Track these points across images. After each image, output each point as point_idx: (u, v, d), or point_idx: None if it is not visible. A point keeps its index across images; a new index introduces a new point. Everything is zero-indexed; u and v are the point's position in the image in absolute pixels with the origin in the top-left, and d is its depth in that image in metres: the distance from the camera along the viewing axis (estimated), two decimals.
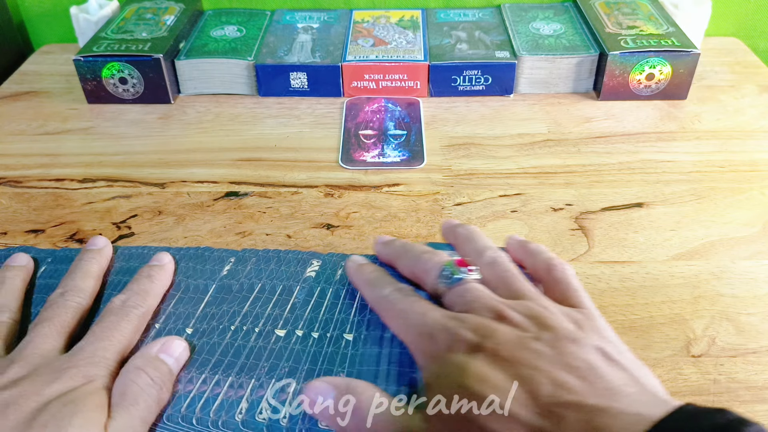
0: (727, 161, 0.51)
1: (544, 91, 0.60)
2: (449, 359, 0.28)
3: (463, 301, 0.32)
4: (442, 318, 0.31)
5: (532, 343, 0.28)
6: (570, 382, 0.26)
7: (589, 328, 0.29)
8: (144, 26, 0.62)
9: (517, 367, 0.27)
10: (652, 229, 0.44)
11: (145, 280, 0.36)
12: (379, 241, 0.39)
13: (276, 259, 0.41)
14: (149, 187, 0.49)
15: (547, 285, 0.34)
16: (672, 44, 0.57)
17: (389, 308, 0.33)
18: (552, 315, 0.30)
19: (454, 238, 0.39)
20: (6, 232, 0.45)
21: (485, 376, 0.26)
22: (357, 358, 0.33)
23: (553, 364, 0.27)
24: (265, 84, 0.60)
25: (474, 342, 0.28)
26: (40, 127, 0.57)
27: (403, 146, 0.53)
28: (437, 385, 0.28)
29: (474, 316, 0.30)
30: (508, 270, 0.34)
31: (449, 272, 0.33)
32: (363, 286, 0.36)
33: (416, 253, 0.36)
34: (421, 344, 0.31)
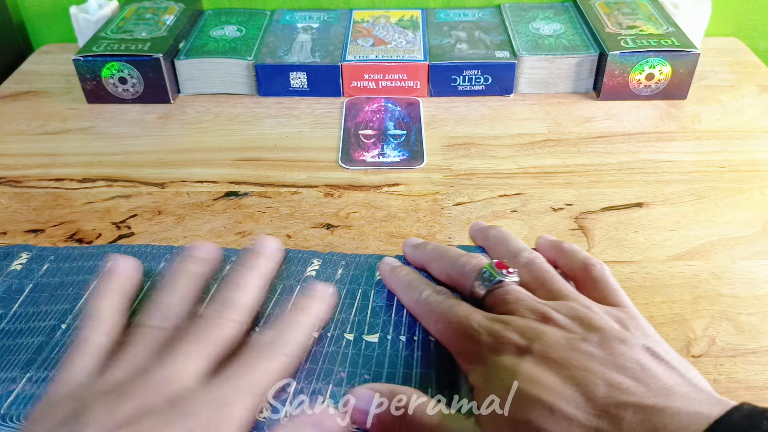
0: (727, 161, 0.51)
1: (544, 91, 0.60)
2: (497, 362, 0.28)
3: (505, 303, 0.32)
4: (485, 320, 0.30)
5: (580, 344, 0.28)
6: (624, 382, 0.26)
7: (634, 328, 0.29)
8: (144, 26, 0.62)
9: (568, 369, 0.27)
10: (652, 229, 0.44)
11: (301, 317, 0.33)
12: (408, 243, 0.39)
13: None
14: (149, 186, 0.49)
15: (584, 285, 0.34)
16: (672, 44, 0.57)
17: (429, 311, 0.33)
18: (596, 315, 0.30)
19: (485, 239, 0.39)
20: (6, 232, 0.45)
21: (537, 378, 0.26)
22: (359, 359, 0.33)
23: (605, 365, 0.27)
24: (264, 84, 0.60)
25: (521, 344, 0.28)
26: (40, 127, 0.57)
27: (403, 146, 0.53)
28: (487, 387, 0.28)
29: (518, 319, 0.30)
30: (547, 271, 0.34)
31: (488, 275, 0.33)
32: (399, 288, 0.36)
33: (452, 257, 0.36)
34: (465, 347, 0.30)
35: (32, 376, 0.33)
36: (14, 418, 0.31)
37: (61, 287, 0.39)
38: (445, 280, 0.36)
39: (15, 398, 0.32)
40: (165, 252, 0.41)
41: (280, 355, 0.30)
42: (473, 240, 0.41)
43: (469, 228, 0.41)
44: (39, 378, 0.33)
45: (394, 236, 0.43)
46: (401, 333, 0.35)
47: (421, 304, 0.34)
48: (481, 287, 0.33)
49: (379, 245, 0.43)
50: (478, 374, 0.29)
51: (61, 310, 0.37)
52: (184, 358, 0.29)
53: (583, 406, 0.25)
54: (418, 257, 0.38)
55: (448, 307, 0.32)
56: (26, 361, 0.34)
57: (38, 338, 0.36)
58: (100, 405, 0.27)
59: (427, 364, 0.33)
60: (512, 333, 0.29)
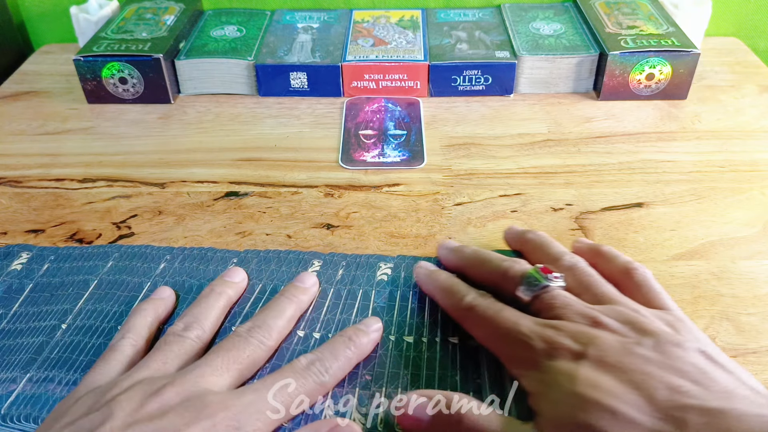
0: (727, 161, 0.51)
1: (544, 91, 0.60)
2: (553, 367, 0.28)
3: (552, 308, 0.31)
4: (536, 326, 0.30)
5: (635, 348, 0.28)
6: (685, 385, 0.26)
7: (685, 331, 0.29)
8: (144, 26, 0.62)
9: (627, 373, 0.27)
10: (652, 229, 0.44)
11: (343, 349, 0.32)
12: (443, 246, 0.39)
13: (276, 259, 0.41)
14: (149, 187, 0.49)
15: (626, 288, 0.34)
16: (672, 44, 0.57)
17: (474, 316, 0.33)
18: (647, 319, 0.30)
19: (523, 244, 0.39)
20: (6, 232, 0.45)
21: (597, 382, 0.27)
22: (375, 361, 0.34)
23: (663, 368, 0.27)
24: (265, 84, 0.60)
25: (576, 349, 0.28)
26: (40, 127, 0.57)
27: (403, 146, 0.53)
28: (545, 392, 0.28)
29: (569, 323, 0.30)
30: (591, 275, 0.34)
31: (534, 279, 0.33)
32: (438, 293, 0.36)
33: (494, 261, 0.36)
34: (516, 352, 0.30)
35: (32, 376, 0.33)
36: (14, 418, 0.31)
37: (61, 287, 0.39)
38: (485, 283, 0.36)
39: (15, 398, 0.32)
40: (165, 253, 0.41)
41: (310, 380, 0.31)
42: (508, 244, 0.41)
43: (504, 233, 0.41)
44: (39, 378, 0.33)
45: (394, 236, 0.43)
46: (404, 333, 0.35)
47: (465, 308, 0.33)
48: (527, 292, 0.33)
49: (379, 245, 0.43)
50: (533, 380, 0.29)
51: (61, 310, 0.37)
52: (212, 370, 0.30)
53: (645, 410, 0.25)
54: (456, 261, 0.38)
55: (495, 312, 0.32)
56: (27, 361, 0.34)
57: (38, 338, 0.36)
58: (124, 400, 0.28)
59: (443, 366, 0.33)
60: (565, 338, 0.29)
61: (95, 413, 0.27)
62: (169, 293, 0.37)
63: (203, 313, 0.34)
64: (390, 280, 0.39)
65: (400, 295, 0.38)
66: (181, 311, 0.36)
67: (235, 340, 0.32)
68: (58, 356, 0.34)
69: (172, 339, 0.33)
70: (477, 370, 0.33)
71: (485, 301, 0.33)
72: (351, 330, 0.34)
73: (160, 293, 0.37)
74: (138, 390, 0.29)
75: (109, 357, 0.32)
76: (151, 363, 0.31)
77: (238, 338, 0.32)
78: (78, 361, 0.34)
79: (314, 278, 0.38)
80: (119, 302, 0.38)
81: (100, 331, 0.36)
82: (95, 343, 0.35)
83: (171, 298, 0.37)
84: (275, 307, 0.35)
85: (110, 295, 0.38)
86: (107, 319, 0.37)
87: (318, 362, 0.31)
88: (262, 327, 0.33)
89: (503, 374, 0.33)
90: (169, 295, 0.37)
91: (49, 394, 0.32)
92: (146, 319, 0.35)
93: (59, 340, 0.35)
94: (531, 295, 0.33)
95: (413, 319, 0.36)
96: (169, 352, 0.32)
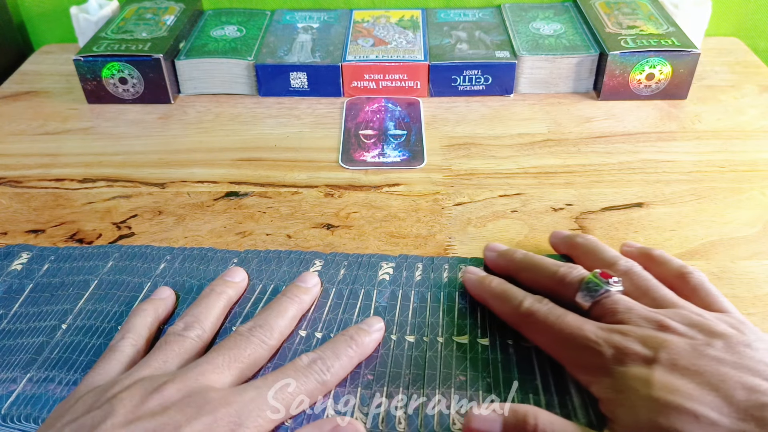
0: (727, 161, 0.51)
1: (544, 91, 0.60)
2: (626, 373, 0.28)
3: (615, 313, 0.31)
4: (601, 331, 0.30)
5: (707, 350, 0.28)
6: (762, 384, 0.26)
7: (749, 332, 0.30)
8: (144, 26, 0.62)
9: (702, 375, 0.27)
10: (652, 229, 0.44)
11: (345, 348, 0.33)
12: (491, 249, 0.39)
13: (277, 259, 0.41)
14: (149, 187, 0.49)
15: (682, 292, 0.33)
16: (672, 44, 0.57)
17: (535, 322, 0.32)
18: (711, 322, 0.30)
19: (572, 248, 0.38)
20: (6, 232, 0.45)
21: (673, 386, 0.27)
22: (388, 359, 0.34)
23: (737, 368, 0.27)
24: (265, 84, 0.60)
25: (646, 354, 0.28)
26: (40, 127, 0.57)
27: (403, 146, 0.53)
28: (619, 399, 0.28)
29: (635, 328, 0.30)
30: (648, 279, 0.34)
31: (594, 285, 0.33)
32: (491, 299, 0.35)
33: (549, 267, 0.35)
34: (583, 359, 0.30)
35: (33, 376, 0.33)
36: (15, 418, 0.31)
37: (61, 287, 0.39)
38: (538, 287, 0.35)
39: (15, 398, 0.32)
40: (165, 253, 0.41)
41: (311, 379, 0.31)
42: (555, 249, 0.40)
43: (550, 237, 0.41)
44: (40, 378, 0.33)
45: (394, 236, 0.43)
46: (406, 333, 0.35)
47: (524, 314, 0.33)
48: (587, 298, 0.33)
49: (379, 245, 0.43)
50: (604, 386, 0.29)
51: (61, 310, 0.37)
52: (213, 368, 0.30)
53: (726, 411, 0.26)
54: (505, 265, 0.38)
55: (556, 317, 0.32)
56: (27, 361, 0.34)
57: (39, 338, 0.36)
58: (125, 397, 0.28)
59: (446, 365, 0.33)
60: (634, 343, 0.29)
61: (96, 410, 0.28)
62: (169, 293, 0.37)
63: (203, 312, 0.34)
64: (392, 279, 0.39)
65: (402, 295, 0.38)
66: (182, 311, 0.36)
67: (236, 339, 0.32)
68: (59, 356, 0.34)
69: (172, 338, 0.33)
70: (485, 369, 0.33)
71: (545, 306, 0.33)
72: (353, 329, 0.34)
73: (159, 293, 0.37)
74: (139, 387, 0.29)
75: (109, 357, 0.32)
76: (152, 362, 0.31)
77: (239, 337, 0.32)
78: (78, 361, 0.34)
79: (316, 278, 0.38)
80: (119, 302, 0.38)
81: (100, 332, 0.36)
82: (95, 343, 0.35)
83: (171, 298, 0.37)
84: (277, 306, 0.35)
85: (110, 295, 0.38)
86: (107, 319, 0.37)
87: (319, 361, 0.31)
88: (264, 326, 0.33)
89: (509, 373, 0.33)
90: (169, 296, 0.37)
91: (50, 394, 0.32)
92: (146, 319, 0.35)
93: (59, 340, 0.35)
94: (591, 300, 0.32)
95: (415, 318, 0.36)
96: (169, 351, 0.32)
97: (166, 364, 0.31)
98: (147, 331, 0.34)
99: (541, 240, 0.43)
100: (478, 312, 0.36)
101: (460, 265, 0.40)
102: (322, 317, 0.36)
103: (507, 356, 0.34)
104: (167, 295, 0.37)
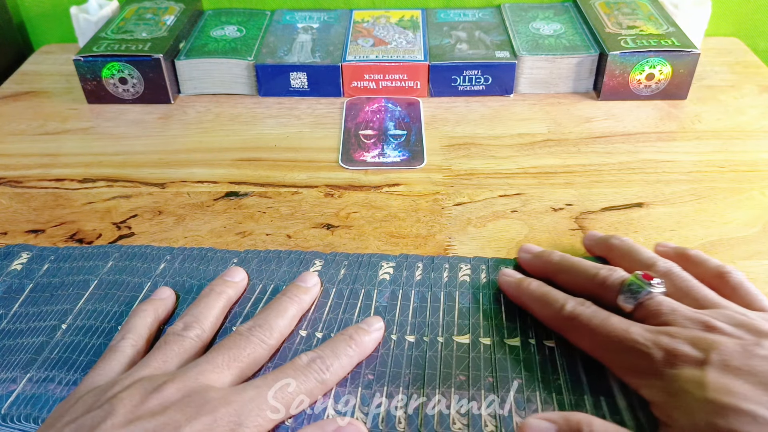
0: (727, 161, 0.51)
1: (544, 91, 0.60)
2: (677, 376, 0.28)
3: (660, 314, 0.31)
4: (648, 333, 0.30)
5: (758, 350, 0.28)
6: None
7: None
8: (144, 26, 0.62)
9: (756, 376, 0.27)
10: (652, 229, 0.44)
11: (344, 347, 0.33)
12: (526, 250, 0.39)
13: (277, 259, 0.41)
14: (149, 187, 0.49)
15: (722, 292, 0.33)
16: (672, 44, 0.57)
17: (579, 326, 0.32)
18: (756, 321, 0.30)
19: (608, 250, 0.38)
20: (6, 232, 0.45)
21: (729, 387, 0.27)
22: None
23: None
24: (265, 84, 0.60)
25: (697, 356, 0.28)
26: (40, 127, 0.57)
27: (403, 146, 0.53)
28: (672, 402, 0.28)
29: (682, 330, 0.30)
30: (688, 279, 0.34)
31: (636, 286, 0.32)
32: (532, 302, 0.35)
33: (588, 269, 0.35)
34: (631, 362, 0.30)
35: (33, 376, 0.33)
36: (15, 418, 0.31)
37: (61, 287, 0.39)
38: (577, 290, 0.35)
39: (15, 398, 0.32)
40: (165, 253, 0.41)
41: (311, 378, 0.31)
42: (589, 251, 0.40)
43: (585, 238, 0.41)
44: (40, 378, 0.33)
45: (394, 236, 0.43)
46: (406, 333, 0.35)
47: (567, 318, 0.33)
48: (630, 300, 0.32)
49: (379, 245, 0.43)
50: (655, 389, 0.29)
51: (61, 310, 0.37)
52: (212, 367, 0.30)
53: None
54: (542, 266, 0.38)
55: (601, 321, 0.31)
56: (27, 361, 0.34)
57: (39, 338, 0.36)
58: (125, 397, 0.28)
59: (446, 365, 0.33)
60: (683, 345, 0.29)
61: (96, 410, 0.28)
62: (169, 294, 0.37)
63: (203, 312, 0.34)
64: (392, 279, 0.39)
65: (402, 295, 0.38)
66: (182, 311, 0.36)
67: (236, 339, 0.32)
68: (59, 356, 0.34)
69: (172, 338, 0.33)
70: (485, 368, 0.33)
71: (588, 309, 0.32)
72: (353, 329, 0.34)
73: (159, 294, 0.37)
74: (139, 387, 0.29)
75: (109, 357, 0.32)
76: (152, 362, 0.31)
77: (239, 337, 0.32)
78: (78, 361, 0.34)
79: (316, 278, 0.38)
80: (119, 302, 0.38)
81: (100, 332, 0.36)
82: (95, 343, 0.35)
83: (171, 298, 0.37)
84: (277, 306, 0.35)
85: (110, 295, 0.38)
86: (107, 319, 0.37)
87: (319, 360, 0.31)
88: (263, 326, 0.33)
89: (510, 373, 0.33)
90: (169, 296, 0.37)
91: (50, 394, 0.32)
92: (146, 319, 0.35)
93: (59, 340, 0.35)
94: (634, 303, 0.32)
95: (415, 318, 0.36)
96: (169, 351, 0.32)
97: (165, 364, 0.31)
98: (147, 331, 0.34)
99: (542, 240, 0.43)
100: (478, 312, 0.36)
101: (481, 265, 0.40)
102: (322, 317, 0.36)
103: (507, 356, 0.34)
104: (167, 295, 0.37)
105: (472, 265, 0.40)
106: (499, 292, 0.38)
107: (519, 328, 0.35)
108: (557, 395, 0.32)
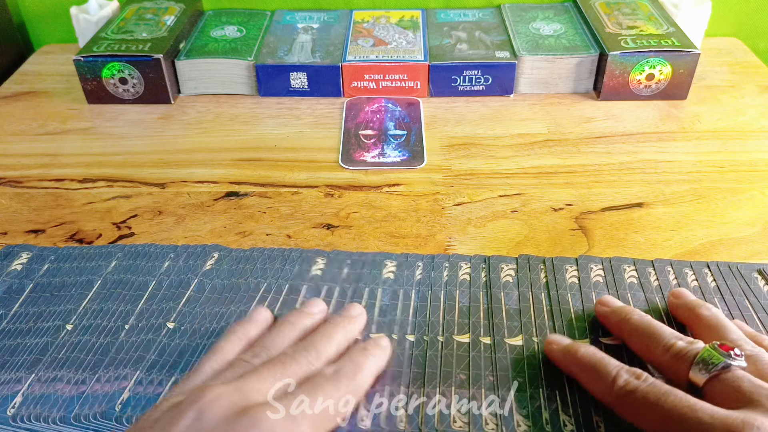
0: (727, 161, 0.51)
1: (544, 91, 0.60)
2: None
3: (737, 390, 0.28)
4: (725, 416, 0.26)
5: None
6: None
7: None
8: (144, 26, 0.62)
9: None
10: (652, 229, 0.44)
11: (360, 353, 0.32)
12: (605, 303, 0.36)
13: (281, 257, 0.41)
14: (149, 187, 0.49)
15: None
16: (672, 44, 0.57)
17: (635, 402, 0.29)
18: None
19: (695, 319, 0.35)
20: (6, 232, 0.45)
21: None
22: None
23: None
24: (265, 84, 0.60)
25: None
26: (40, 127, 0.57)
27: (403, 146, 0.53)
28: None
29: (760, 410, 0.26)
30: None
31: (710, 357, 0.29)
32: (581, 373, 0.32)
33: (668, 337, 0.32)
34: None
35: (40, 376, 0.33)
36: (24, 418, 0.31)
37: (62, 287, 0.39)
38: (646, 357, 0.33)
39: (24, 398, 0.32)
40: (168, 251, 0.42)
41: (342, 387, 0.30)
42: (672, 311, 0.37)
43: (670, 295, 0.37)
44: (47, 378, 0.33)
45: (394, 236, 0.43)
46: (407, 332, 0.35)
47: (622, 394, 0.29)
48: (702, 372, 0.29)
49: (379, 245, 0.43)
50: None
51: (65, 311, 0.37)
52: (258, 378, 0.30)
53: None
54: (617, 324, 0.35)
55: (660, 396, 0.28)
56: (32, 361, 0.34)
57: (43, 339, 0.36)
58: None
59: (447, 364, 0.33)
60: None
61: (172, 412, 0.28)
62: (265, 316, 0.36)
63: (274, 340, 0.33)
64: (395, 278, 0.39)
65: (402, 294, 0.38)
66: (182, 311, 0.36)
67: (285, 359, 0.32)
68: (66, 356, 0.34)
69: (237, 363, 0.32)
70: (486, 368, 0.33)
71: (644, 383, 0.29)
72: (338, 318, 0.35)
73: (254, 316, 0.35)
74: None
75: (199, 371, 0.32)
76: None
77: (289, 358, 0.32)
78: (86, 360, 0.34)
79: (362, 310, 0.36)
80: (125, 301, 0.38)
81: (107, 331, 0.36)
82: (102, 342, 0.35)
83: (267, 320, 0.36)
84: (326, 332, 0.34)
85: (115, 294, 0.38)
86: (113, 318, 0.37)
87: (311, 349, 0.32)
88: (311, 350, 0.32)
89: (510, 372, 0.33)
90: (265, 318, 0.36)
91: (58, 394, 0.32)
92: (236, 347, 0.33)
93: (66, 340, 0.35)
94: (708, 375, 0.29)
95: (415, 317, 0.36)
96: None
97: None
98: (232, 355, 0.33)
99: (542, 240, 0.43)
100: (478, 311, 0.36)
101: (481, 263, 0.40)
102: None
103: (507, 355, 0.34)
104: (263, 317, 0.35)
105: (473, 263, 0.40)
106: (500, 290, 0.38)
107: (519, 327, 0.35)
108: (560, 393, 0.32)
